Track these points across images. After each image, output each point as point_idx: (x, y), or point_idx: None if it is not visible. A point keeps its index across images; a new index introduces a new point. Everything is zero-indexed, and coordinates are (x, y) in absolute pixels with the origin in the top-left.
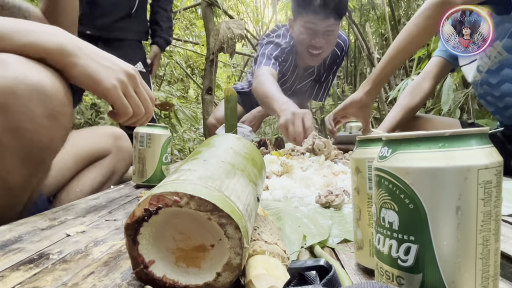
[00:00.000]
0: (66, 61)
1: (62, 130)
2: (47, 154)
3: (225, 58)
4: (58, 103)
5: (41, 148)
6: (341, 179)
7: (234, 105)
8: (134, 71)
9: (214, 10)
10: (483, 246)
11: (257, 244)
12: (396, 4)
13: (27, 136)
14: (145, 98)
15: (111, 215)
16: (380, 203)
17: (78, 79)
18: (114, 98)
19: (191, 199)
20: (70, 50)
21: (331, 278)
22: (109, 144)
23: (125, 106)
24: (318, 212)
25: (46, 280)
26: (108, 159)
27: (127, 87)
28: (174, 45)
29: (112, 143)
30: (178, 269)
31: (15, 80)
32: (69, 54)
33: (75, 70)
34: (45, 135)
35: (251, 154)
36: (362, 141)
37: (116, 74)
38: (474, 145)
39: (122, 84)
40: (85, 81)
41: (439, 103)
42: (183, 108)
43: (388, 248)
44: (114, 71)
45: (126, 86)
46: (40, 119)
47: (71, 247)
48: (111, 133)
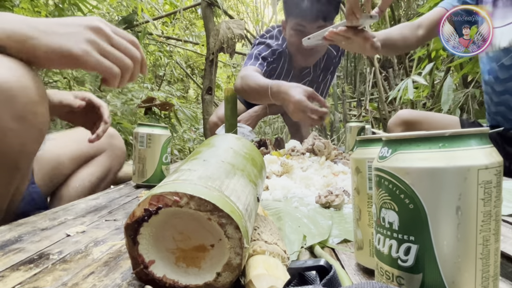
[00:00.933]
0: (26, 48)
1: (34, 132)
2: (20, 159)
3: (225, 58)
4: (27, 102)
5: (12, 155)
6: (341, 179)
7: (234, 105)
8: (100, 22)
9: (214, 10)
10: (483, 246)
11: (257, 244)
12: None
13: None
14: (126, 46)
15: (111, 215)
16: (380, 203)
17: (47, 61)
18: (92, 64)
19: (191, 199)
20: (25, 33)
21: (331, 278)
22: (103, 142)
23: (107, 67)
24: (318, 212)
25: (46, 280)
26: (103, 157)
27: (99, 45)
28: (174, 45)
29: (106, 142)
30: (178, 269)
31: None
32: (26, 38)
33: (39, 53)
34: (14, 140)
35: (251, 154)
36: (362, 141)
37: (83, 36)
38: (474, 145)
39: (93, 44)
40: (55, 61)
41: (439, 103)
42: (183, 108)
43: (388, 248)
44: (79, 34)
45: (98, 44)
46: (7, 123)
47: (71, 247)
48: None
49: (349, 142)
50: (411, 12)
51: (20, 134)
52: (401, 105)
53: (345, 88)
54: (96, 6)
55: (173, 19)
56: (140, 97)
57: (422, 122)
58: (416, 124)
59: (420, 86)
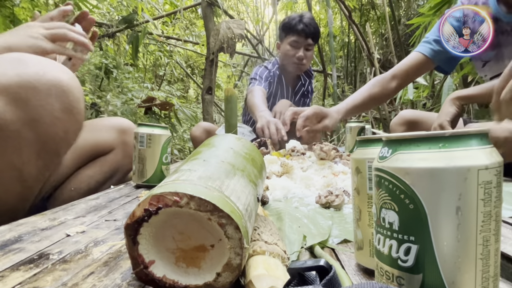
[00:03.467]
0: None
1: (76, 124)
2: (61, 146)
3: (225, 58)
4: (74, 98)
5: (56, 141)
6: (341, 180)
7: (234, 105)
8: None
9: (214, 10)
10: (483, 246)
11: (257, 244)
12: (396, 4)
13: (44, 129)
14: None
15: (111, 215)
16: (380, 203)
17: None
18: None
19: (191, 199)
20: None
21: (331, 278)
22: (112, 138)
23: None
24: (318, 213)
25: (46, 280)
26: (111, 156)
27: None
28: (174, 44)
29: (116, 137)
30: (178, 269)
31: (35, 76)
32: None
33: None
34: (60, 128)
35: (251, 154)
36: (362, 141)
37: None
38: (474, 145)
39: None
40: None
41: (439, 103)
42: (183, 108)
43: (388, 249)
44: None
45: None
46: (57, 113)
47: (71, 247)
48: (116, 126)
49: (349, 142)
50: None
51: (65, 124)
52: (401, 105)
53: (345, 88)
54: (96, 6)
55: (173, 19)
56: (140, 97)
57: (424, 122)
58: (418, 124)
59: (420, 86)
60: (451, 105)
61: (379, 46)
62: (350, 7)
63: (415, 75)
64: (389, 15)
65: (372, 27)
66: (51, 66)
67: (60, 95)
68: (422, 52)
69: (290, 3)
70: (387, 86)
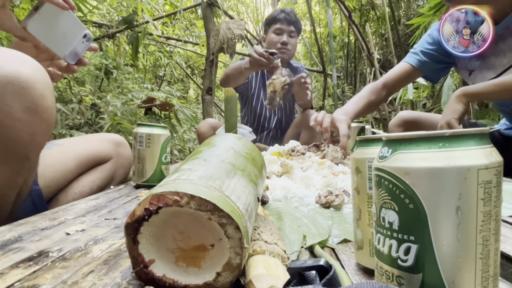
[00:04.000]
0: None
1: (43, 124)
2: (30, 149)
3: (225, 58)
4: (37, 94)
5: (23, 144)
6: (341, 179)
7: (234, 105)
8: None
9: (214, 11)
10: (483, 246)
11: (257, 244)
12: (396, 4)
13: (4, 133)
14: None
15: (111, 214)
16: (380, 203)
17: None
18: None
19: (192, 199)
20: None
21: (331, 278)
22: (110, 149)
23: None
24: (318, 212)
25: (45, 277)
26: (108, 165)
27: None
28: (174, 45)
29: (112, 149)
30: (178, 269)
31: None
32: None
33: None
34: (24, 131)
35: (251, 154)
36: (362, 141)
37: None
38: (474, 145)
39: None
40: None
41: (439, 103)
42: (183, 108)
43: (388, 248)
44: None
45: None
46: (18, 114)
47: (71, 245)
48: (112, 139)
49: (349, 143)
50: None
51: (30, 125)
52: (401, 106)
53: (345, 88)
54: (96, 6)
55: (173, 20)
56: (140, 98)
57: (422, 123)
58: (416, 125)
59: (420, 86)
60: (458, 103)
61: (379, 46)
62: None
63: (403, 83)
64: (389, 15)
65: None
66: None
67: (18, 93)
68: (410, 63)
69: (290, 3)
70: (379, 94)
